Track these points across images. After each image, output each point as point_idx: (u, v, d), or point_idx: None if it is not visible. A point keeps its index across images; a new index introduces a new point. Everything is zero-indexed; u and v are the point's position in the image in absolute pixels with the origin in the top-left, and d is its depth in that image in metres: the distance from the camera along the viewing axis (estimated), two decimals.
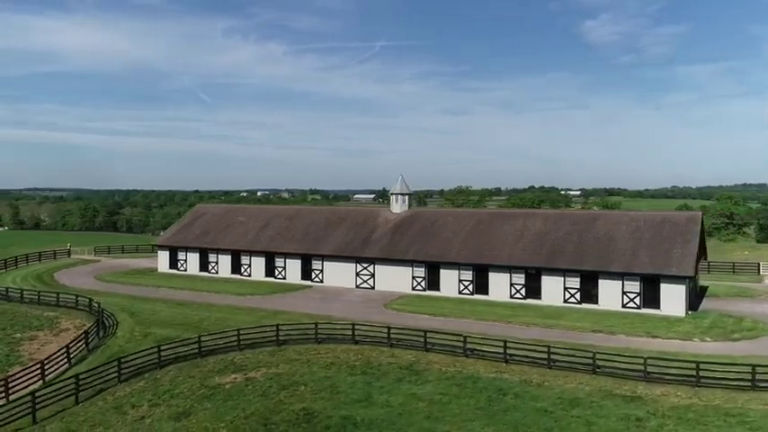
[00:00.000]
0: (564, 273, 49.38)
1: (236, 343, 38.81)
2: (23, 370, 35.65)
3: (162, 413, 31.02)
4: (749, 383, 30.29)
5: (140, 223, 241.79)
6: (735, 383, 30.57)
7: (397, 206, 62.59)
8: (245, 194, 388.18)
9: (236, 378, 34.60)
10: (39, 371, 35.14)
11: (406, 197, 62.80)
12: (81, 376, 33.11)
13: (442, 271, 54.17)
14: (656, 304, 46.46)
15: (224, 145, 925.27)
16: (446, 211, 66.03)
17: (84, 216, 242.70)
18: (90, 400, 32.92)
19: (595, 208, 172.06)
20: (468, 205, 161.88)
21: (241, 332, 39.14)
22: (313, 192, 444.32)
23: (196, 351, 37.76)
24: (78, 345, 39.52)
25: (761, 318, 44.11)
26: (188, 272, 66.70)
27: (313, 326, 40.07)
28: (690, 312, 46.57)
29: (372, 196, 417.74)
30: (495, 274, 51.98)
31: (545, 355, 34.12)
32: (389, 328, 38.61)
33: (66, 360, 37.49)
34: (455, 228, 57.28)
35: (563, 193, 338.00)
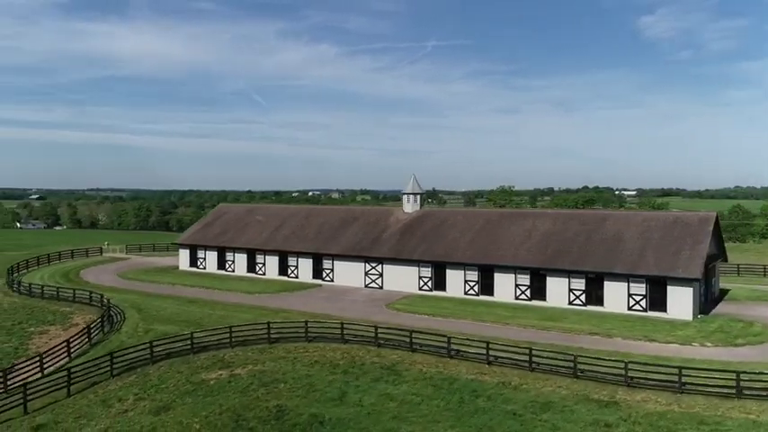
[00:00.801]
0: (568, 274, 48.43)
1: (227, 340, 39.59)
2: (24, 361, 37.25)
3: (144, 407, 31.90)
4: (734, 391, 29.16)
5: (190, 222, 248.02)
6: (719, 390, 29.49)
7: (409, 206, 62.55)
8: (296, 194, 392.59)
9: (221, 374, 35.31)
10: (38, 363, 36.67)
11: (418, 197, 62.67)
12: (73, 369, 34.38)
13: (447, 271, 53.89)
14: (663, 307, 45.08)
15: (276, 146, 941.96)
16: (457, 210, 65.58)
17: (139, 216, 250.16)
18: (82, 393, 34.08)
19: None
20: (511, 206, 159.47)
21: (233, 329, 39.90)
22: (363, 192, 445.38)
23: (188, 347, 38.68)
24: (81, 339, 41.02)
25: None
26: (207, 270, 68.28)
27: (303, 324, 40.51)
28: (700, 316, 45.03)
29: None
30: (501, 275, 51.40)
31: (527, 358, 33.61)
32: (377, 327, 38.72)
33: (66, 353, 38.97)
34: (463, 228, 56.88)
35: (617, 193, 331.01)
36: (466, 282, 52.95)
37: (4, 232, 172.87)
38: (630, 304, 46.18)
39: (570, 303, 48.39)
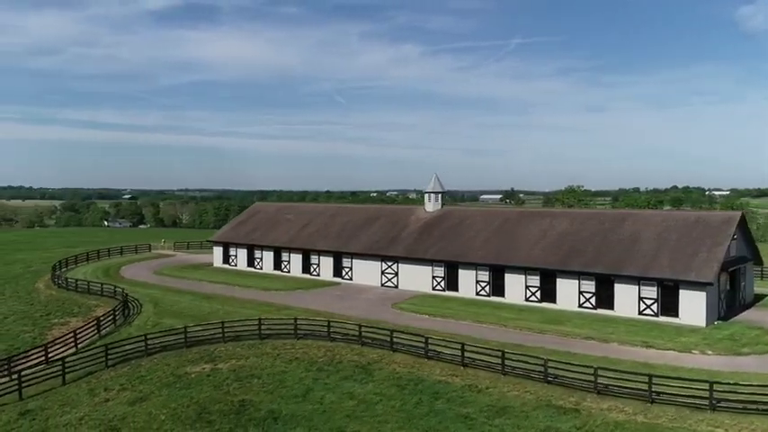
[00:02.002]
0: (579, 275, 46.66)
1: (220, 335, 40.71)
2: (30, 350, 39.71)
3: (124, 397, 33.29)
4: (707, 402, 27.34)
5: None
6: (692, 402, 27.73)
7: (430, 205, 62.09)
8: (374, 194, 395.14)
9: (204, 368, 36.38)
10: (43, 352, 39.01)
11: (439, 195, 62.09)
12: (69, 359, 36.42)
13: (460, 271, 53.11)
14: (675, 312, 42.72)
15: (358, 146, 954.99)
16: (476, 209, 64.33)
17: (218, 215, 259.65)
18: (76, 382, 35.88)
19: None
20: (580, 206, 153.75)
21: (225, 325, 41.00)
22: (444, 192, 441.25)
23: (182, 341, 40.05)
24: (89, 331, 43.29)
25: None
26: (237, 267, 70.30)
27: (293, 321, 41.10)
28: (717, 322, 42.38)
29: (499, 196, 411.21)
30: (511, 276, 50.18)
31: (500, 361, 32.76)
32: (360, 326, 38.77)
33: (73, 344, 41.24)
34: (480, 227, 55.89)
35: (707, 193, 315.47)
36: (477, 282, 52.02)
37: (89, 230, 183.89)
38: (641, 308, 44.00)
39: (580, 306, 46.62)
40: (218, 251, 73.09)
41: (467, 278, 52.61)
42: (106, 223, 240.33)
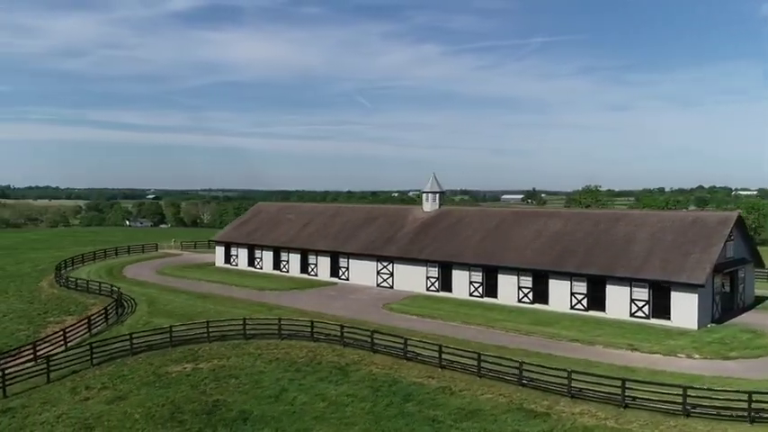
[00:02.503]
0: (571, 277, 46.05)
1: (205, 335, 40.91)
2: (20, 348, 40.29)
3: (104, 396, 33.49)
4: (680, 408, 26.74)
5: None
6: (666, 407, 27.15)
7: (428, 205, 61.76)
8: (395, 194, 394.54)
9: (185, 368, 36.54)
10: (32, 351, 39.54)
11: (437, 195, 61.70)
12: (55, 358, 36.85)
13: (454, 272, 52.75)
14: (667, 314, 41.94)
15: (379, 147, 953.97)
16: (474, 209, 63.78)
17: (238, 215, 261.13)
18: (60, 381, 36.27)
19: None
20: (597, 206, 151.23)
21: (210, 324, 41.19)
22: (463, 192, 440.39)
23: (167, 340, 40.30)
24: (81, 330, 43.78)
25: None
26: (238, 267, 70.66)
27: (277, 322, 41.15)
28: (711, 325, 41.52)
29: (521, 196, 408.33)
30: (504, 277, 49.70)
31: (476, 363, 32.41)
32: (342, 326, 38.68)
33: (62, 342, 41.74)
34: (476, 227, 55.45)
35: (733, 193, 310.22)
36: (471, 283, 51.62)
37: (108, 229, 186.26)
38: (633, 310, 43.27)
39: (572, 308, 46.00)
40: (220, 251, 73.55)
41: (460, 279, 52.23)
42: (128, 223, 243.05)
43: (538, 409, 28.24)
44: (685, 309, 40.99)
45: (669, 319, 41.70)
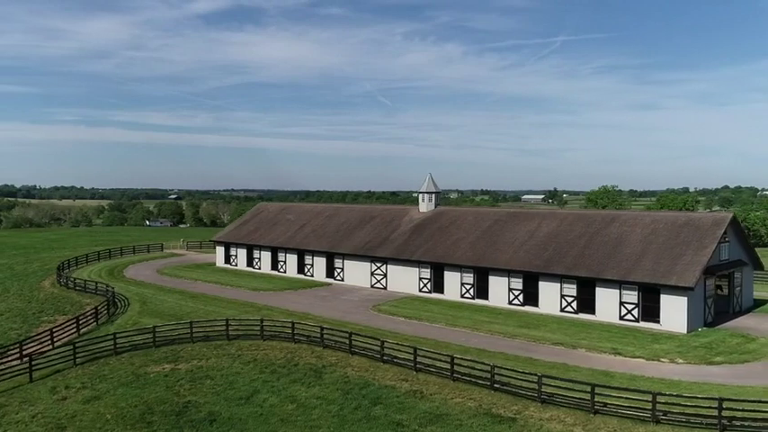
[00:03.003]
0: (560, 279, 45.31)
1: (188, 335, 40.97)
2: (7, 347, 40.69)
3: (81, 396, 33.69)
4: (649, 414, 26.08)
5: None
6: (635, 414, 26.50)
7: (424, 205, 61.32)
8: (415, 194, 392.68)
9: (164, 368, 36.60)
10: (18, 350, 39.93)
11: (433, 196, 61.23)
12: (38, 358, 37.17)
13: (446, 273, 52.25)
14: (656, 318, 41.05)
15: (401, 147, 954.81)
16: (469, 210, 63.03)
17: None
18: (43, 380, 36.65)
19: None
20: (614, 206, 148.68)
21: (194, 325, 41.24)
22: (484, 192, 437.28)
23: (151, 341, 40.44)
24: (69, 329, 44.13)
25: None
26: (237, 267, 70.84)
27: (259, 322, 41.08)
28: (701, 329, 40.56)
29: (542, 197, 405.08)
30: (495, 278, 49.11)
31: (449, 366, 31.97)
32: (323, 328, 38.46)
33: (49, 342, 42.12)
34: (470, 228, 54.88)
35: (759, 193, 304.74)
36: (462, 284, 51.10)
37: (126, 229, 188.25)
38: (622, 313, 42.44)
39: (562, 310, 45.28)
40: (220, 251, 73.82)
41: (452, 280, 51.73)
42: (147, 222, 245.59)
43: (505, 414, 27.77)
44: (674, 312, 40.10)
45: (659, 322, 40.82)
